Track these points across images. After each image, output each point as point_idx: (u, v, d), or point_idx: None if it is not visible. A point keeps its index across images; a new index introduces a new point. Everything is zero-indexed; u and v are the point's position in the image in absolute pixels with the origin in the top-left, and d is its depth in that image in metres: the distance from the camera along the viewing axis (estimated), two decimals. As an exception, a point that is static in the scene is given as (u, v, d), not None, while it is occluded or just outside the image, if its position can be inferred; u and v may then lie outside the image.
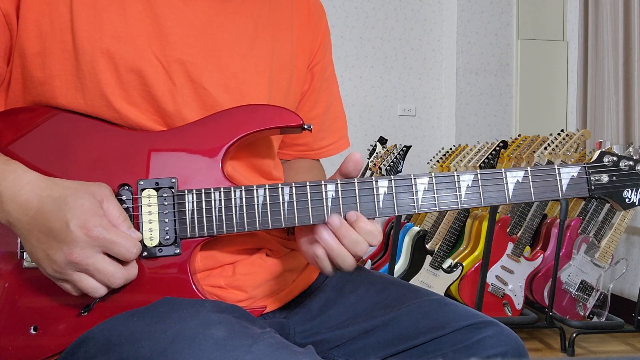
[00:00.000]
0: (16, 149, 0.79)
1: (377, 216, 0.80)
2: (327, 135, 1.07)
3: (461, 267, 2.79)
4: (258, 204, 0.79)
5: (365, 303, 0.93)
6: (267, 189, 0.79)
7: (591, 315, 2.78)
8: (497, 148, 2.68)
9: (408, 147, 3.00)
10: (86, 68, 0.79)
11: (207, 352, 0.65)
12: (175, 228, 0.78)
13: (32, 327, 0.76)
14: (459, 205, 0.81)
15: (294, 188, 0.79)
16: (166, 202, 0.78)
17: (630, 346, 2.76)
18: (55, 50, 0.79)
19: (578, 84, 3.60)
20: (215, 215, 0.79)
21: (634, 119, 3.12)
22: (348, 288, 0.95)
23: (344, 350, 0.89)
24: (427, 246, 2.85)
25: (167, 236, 0.78)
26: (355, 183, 0.80)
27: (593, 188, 0.84)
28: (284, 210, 0.79)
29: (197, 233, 0.78)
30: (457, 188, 0.81)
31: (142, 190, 0.78)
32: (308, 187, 0.79)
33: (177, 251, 0.78)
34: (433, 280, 2.79)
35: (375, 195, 0.80)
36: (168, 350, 0.67)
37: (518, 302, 2.78)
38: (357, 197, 0.80)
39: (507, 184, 0.82)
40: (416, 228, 2.90)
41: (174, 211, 0.78)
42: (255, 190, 0.79)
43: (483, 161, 2.68)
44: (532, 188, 0.83)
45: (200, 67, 0.84)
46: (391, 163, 2.97)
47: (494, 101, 3.97)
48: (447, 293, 2.79)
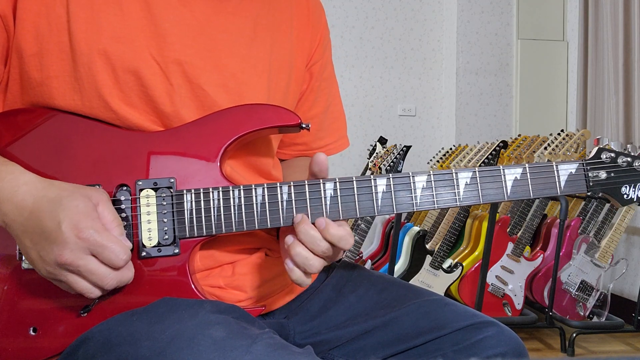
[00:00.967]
0: (14, 150, 0.79)
1: (376, 214, 0.80)
2: (327, 134, 1.07)
3: (461, 267, 2.79)
4: (257, 204, 0.79)
5: (365, 303, 0.92)
6: (266, 189, 0.79)
7: (591, 315, 2.78)
8: (497, 148, 2.68)
9: (408, 147, 2.99)
10: (83, 69, 0.79)
11: (206, 353, 0.65)
12: (174, 228, 0.78)
13: (32, 328, 0.76)
14: (458, 202, 0.81)
15: (293, 187, 0.79)
16: (165, 202, 0.78)
17: (630, 346, 2.76)
18: (52, 51, 0.79)
19: (578, 84, 3.60)
20: (214, 215, 0.78)
21: (634, 119, 3.12)
22: (348, 288, 0.95)
23: (344, 350, 0.89)
24: (427, 246, 2.85)
25: (166, 236, 0.78)
26: (353, 181, 0.80)
27: (591, 184, 0.84)
28: (283, 209, 0.79)
29: (196, 233, 0.78)
30: (456, 185, 0.81)
31: (141, 190, 0.78)
32: (307, 186, 0.79)
33: (176, 251, 0.78)
34: (433, 280, 2.79)
35: (373, 193, 0.80)
36: (167, 350, 0.66)
37: (518, 302, 2.77)
38: (356, 196, 0.79)
39: (506, 181, 0.82)
40: (416, 228, 2.89)
41: (173, 211, 0.78)
42: (253, 189, 0.79)
43: (483, 161, 2.68)
44: (530, 185, 0.83)
45: (198, 68, 0.83)
46: (391, 163, 2.96)
47: (494, 101, 3.96)
48: (447, 293, 2.78)
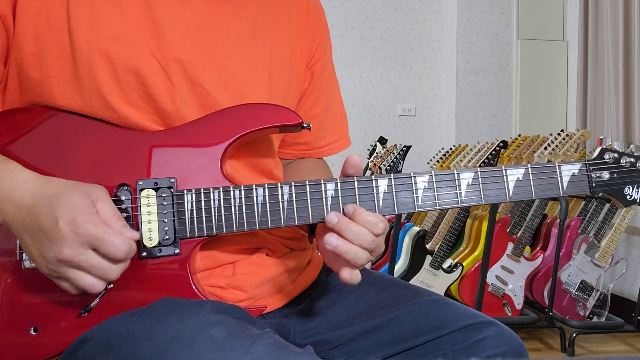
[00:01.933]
0: (14, 150, 0.79)
1: (377, 214, 0.80)
2: (328, 134, 1.07)
3: (461, 267, 2.79)
4: (257, 204, 0.79)
5: (365, 303, 0.92)
6: (267, 189, 0.79)
7: (591, 315, 2.78)
8: (497, 148, 2.68)
9: (408, 147, 3.00)
10: (84, 68, 0.79)
11: (206, 353, 0.65)
12: (174, 228, 0.78)
13: (32, 328, 0.76)
14: (460, 203, 0.81)
15: (294, 187, 0.79)
16: (165, 202, 0.78)
17: (630, 346, 2.76)
18: (52, 50, 0.79)
19: (578, 84, 3.60)
20: (214, 215, 0.78)
21: (634, 119, 3.12)
22: (348, 288, 0.95)
23: (344, 350, 0.89)
24: (427, 246, 2.85)
25: (167, 236, 0.78)
26: (354, 182, 0.79)
27: (594, 185, 0.84)
28: (284, 209, 0.79)
29: (197, 233, 0.78)
30: (458, 186, 0.81)
31: (141, 190, 0.78)
32: (307, 187, 0.79)
33: (177, 251, 0.78)
34: (433, 280, 2.79)
35: (375, 194, 0.80)
36: (167, 350, 0.66)
37: (518, 302, 2.77)
38: (357, 196, 0.79)
39: (508, 182, 0.82)
40: (416, 228, 2.89)
41: (173, 211, 0.78)
42: (254, 189, 0.79)
43: (483, 161, 2.68)
44: (533, 186, 0.82)
45: (198, 67, 0.83)
46: (391, 163, 2.97)
47: (494, 101, 3.96)
48: (447, 293, 2.78)
